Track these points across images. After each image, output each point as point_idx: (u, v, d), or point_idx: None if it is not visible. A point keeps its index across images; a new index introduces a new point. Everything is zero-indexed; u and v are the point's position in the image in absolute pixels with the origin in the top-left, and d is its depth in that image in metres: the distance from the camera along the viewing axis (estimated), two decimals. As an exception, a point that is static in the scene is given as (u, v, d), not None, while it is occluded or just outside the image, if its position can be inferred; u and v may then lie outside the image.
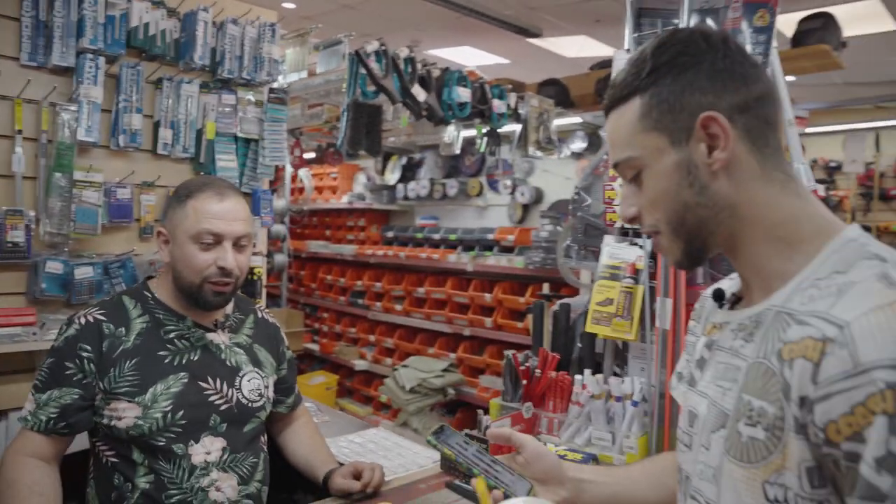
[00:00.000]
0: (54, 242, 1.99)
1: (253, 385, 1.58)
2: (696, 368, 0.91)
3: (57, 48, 1.94)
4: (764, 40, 1.44)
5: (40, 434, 1.42)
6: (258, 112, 2.38)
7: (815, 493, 0.68)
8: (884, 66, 5.39)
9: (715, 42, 0.80)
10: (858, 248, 0.74)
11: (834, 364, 0.65)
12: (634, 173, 0.84)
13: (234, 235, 1.49)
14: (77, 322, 1.47)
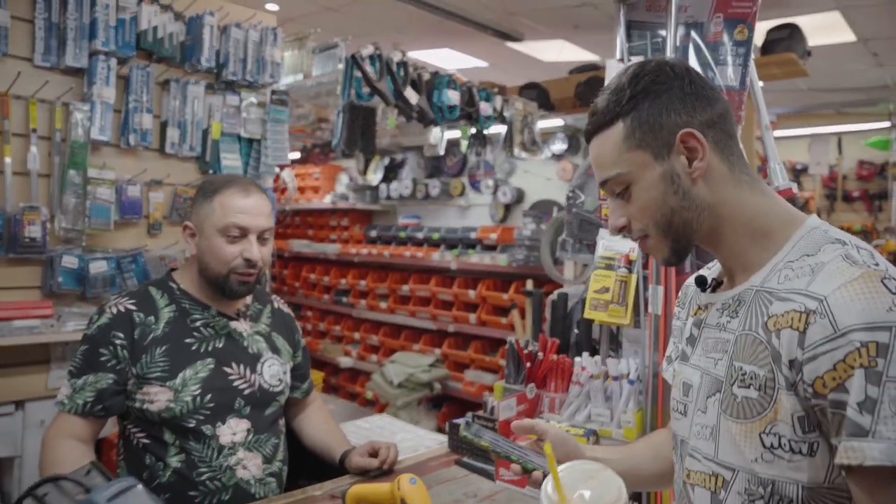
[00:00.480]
0: (69, 238, 2.06)
1: (273, 371, 1.68)
2: (686, 346, 1.04)
3: (70, 49, 2.01)
4: (743, 52, 1.59)
5: (77, 417, 1.49)
6: (261, 113, 2.47)
7: (806, 437, 0.81)
8: (845, 74, 5.65)
9: (679, 71, 0.93)
10: (822, 234, 0.88)
11: (817, 331, 0.78)
12: (622, 188, 0.95)
13: (259, 229, 1.57)
14: (109, 311, 1.55)
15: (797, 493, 0.82)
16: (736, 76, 1.61)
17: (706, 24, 1.66)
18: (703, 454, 0.94)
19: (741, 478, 0.87)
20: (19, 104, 1.98)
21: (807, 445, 0.81)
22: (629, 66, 0.96)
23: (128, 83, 2.16)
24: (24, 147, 1.99)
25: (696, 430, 0.96)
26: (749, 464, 0.86)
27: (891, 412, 0.73)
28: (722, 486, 0.90)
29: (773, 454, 0.83)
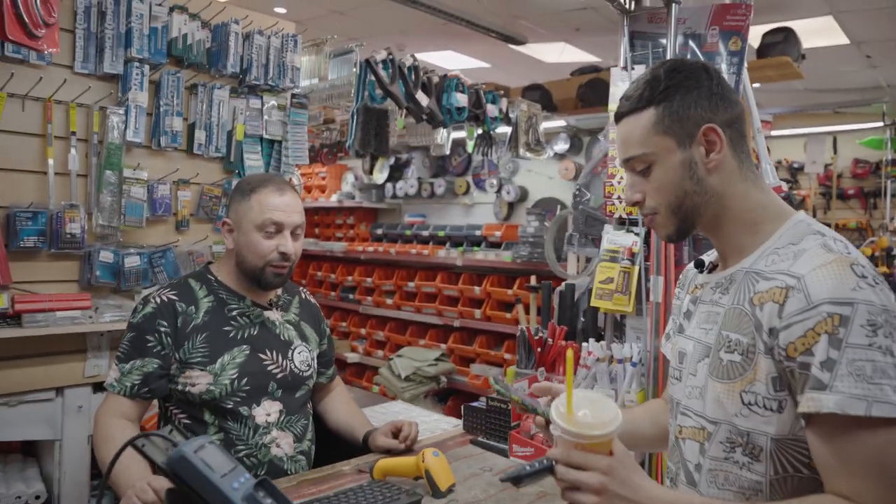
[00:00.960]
0: (105, 234, 2.19)
1: (302, 357, 1.81)
2: (683, 319, 1.19)
3: (107, 57, 2.14)
4: (737, 62, 1.72)
5: (126, 398, 1.62)
6: (282, 115, 2.60)
7: (777, 395, 0.96)
8: (840, 76, 5.79)
9: (711, 72, 1.07)
10: (805, 226, 1.04)
11: (794, 304, 0.93)
12: (645, 167, 1.08)
13: (293, 225, 1.71)
14: (153, 301, 1.68)
15: (766, 444, 0.98)
16: (730, 83, 1.74)
17: (703, 34, 1.80)
18: (693, 411, 1.09)
19: (723, 430, 1.03)
20: (60, 109, 2.11)
21: (777, 403, 0.96)
22: (666, 60, 1.10)
23: (159, 88, 2.29)
24: (64, 149, 2.12)
25: (688, 392, 1.11)
26: (730, 418, 1.01)
27: (847, 372, 0.88)
28: (707, 437, 1.05)
29: (750, 410, 0.99)
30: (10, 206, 2.02)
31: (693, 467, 1.09)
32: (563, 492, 0.96)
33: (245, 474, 0.91)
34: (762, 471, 0.99)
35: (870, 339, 0.88)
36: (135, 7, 2.15)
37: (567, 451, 0.94)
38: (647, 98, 1.06)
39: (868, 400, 0.86)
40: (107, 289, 2.22)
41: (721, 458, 1.03)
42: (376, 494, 1.45)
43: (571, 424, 0.94)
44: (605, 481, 0.92)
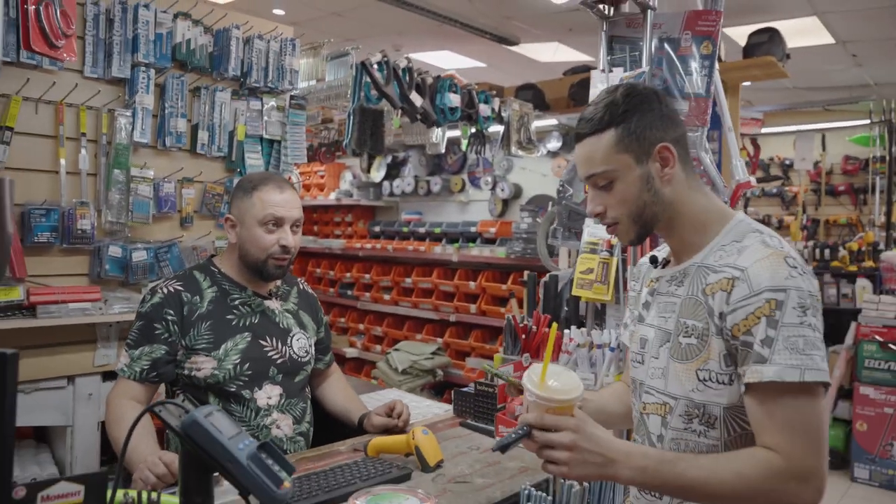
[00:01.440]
0: (114, 230, 2.31)
1: (301, 344, 1.92)
2: (643, 310, 1.33)
3: (115, 62, 2.26)
4: (708, 65, 1.84)
5: (136, 382, 1.73)
6: (281, 116, 2.71)
7: (727, 370, 1.11)
8: (827, 74, 5.91)
9: (661, 96, 1.22)
10: (746, 225, 1.18)
11: (739, 291, 1.08)
12: (607, 182, 1.20)
13: (293, 220, 1.82)
14: (160, 292, 1.79)
15: (719, 412, 1.14)
16: (702, 85, 1.86)
17: (678, 39, 1.91)
18: (656, 390, 1.23)
19: (682, 404, 1.17)
20: (71, 111, 2.22)
21: (727, 377, 1.12)
22: (620, 85, 1.24)
23: (164, 91, 2.40)
24: (75, 150, 2.23)
25: (651, 373, 1.25)
26: (688, 393, 1.16)
27: (783, 346, 1.03)
28: (668, 411, 1.20)
29: (705, 385, 1.14)
30: (25, 204, 2.13)
31: (656, 438, 1.23)
32: (540, 451, 1.09)
33: (249, 438, 1.02)
34: (717, 436, 1.14)
35: (801, 318, 1.04)
36: (141, 14, 2.26)
37: (540, 415, 1.08)
38: (608, 120, 1.18)
39: (801, 368, 1.02)
40: (115, 282, 2.34)
41: (681, 428, 1.18)
42: (370, 469, 1.57)
43: (544, 391, 1.08)
44: (574, 438, 1.06)
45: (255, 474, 0.97)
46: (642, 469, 1.07)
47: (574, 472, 1.08)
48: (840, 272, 5.41)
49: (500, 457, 1.74)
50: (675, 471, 1.06)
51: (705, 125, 1.86)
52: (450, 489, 1.52)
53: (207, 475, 1.01)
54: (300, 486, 1.46)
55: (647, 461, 1.08)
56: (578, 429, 1.07)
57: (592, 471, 1.08)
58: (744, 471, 1.04)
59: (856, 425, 4.52)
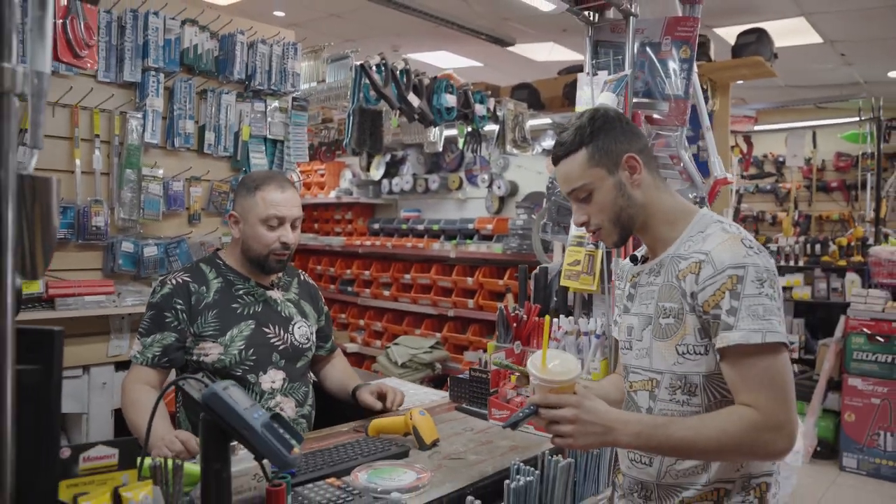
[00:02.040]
0: (126, 227, 2.42)
1: (302, 331, 2.04)
2: (627, 302, 1.47)
3: (127, 67, 2.37)
4: (687, 67, 1.95)
5: (148, 367, 1.85)
6: (283, 117, 2.83)
7: (702, 342, 1.27)
8: (816, 73, 6.02)
9: (620, 116, 1.40)
10: (709, 218, 1.35)
11: (706, 272, 1.25)
12: (586, 194, 1.36)
13: (293, 218, 1.93)
14: (170, 283, 1.90)
15: (699, 381, 1.29)
16: (681, 87, 1.98)
17: (658, 43, 2.03)
18: (642, 368, 1.38)
19: (667, 377, 1.32)
20: (85, 114, 2.34)
21: (703, 348, 1.27)
22: (585, 111, 1.41)
23: (172, 94, 2.52)
24: (89, 150, 2.35)
25: (636, 354, 1.40)
26: (670, 367, 1.31)
27: (746, 314, 1.19)
28: (655, 385, 1.35)
29: (685, 358, 1.29)
30: (43, 202, 2.25)
31: (645, 411, 1.37)
32: (547, 427, 1.24)
33: (262, 409, 1.14)
34: (699, 402, 1.29)
35: (759, 290, 1.20)
36: (151, 21, 2.38)
37: (544, 395, 1.23)
38: (579, 142, 1.36)
39: (763, 331, 1.18)
40: (127, 276, 2.46)
41: (667, 399, 1.33)
42: (370, 447, 1.69)
43: (546, 373, 1.23)
44: (576, 412, 1.21)
45: (269, 440, 1.09)
46: (637, 434, 1.22)
47: (579, 442, 1.21)
48: (830, 267, 5.53)
49: (493, 436, 1.86)
50: (666, 433, 1.20)
51: (684, 125, 1.98)
52: (445, 465, 1.64)
53: (225, 443, 1.12)
54: (306, 462, 1.58)
55: (640, 427, 1.22)
56: (579, 404, 1.20)
57: (594, 440, 1.22)
58: (727, 427, 1.18)
59: (844, 416, 4.64)
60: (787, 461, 3.88)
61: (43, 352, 0.97)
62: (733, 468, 1.29)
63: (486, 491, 1.52)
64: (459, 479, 1.54)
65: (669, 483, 1.34)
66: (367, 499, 1.36)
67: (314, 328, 2.12)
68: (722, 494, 1.29)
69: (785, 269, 5.74)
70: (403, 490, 1.42)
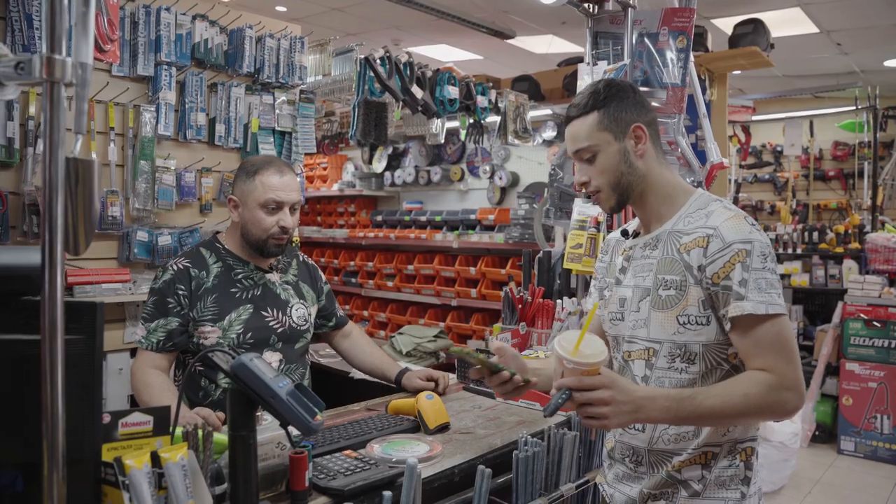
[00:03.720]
0: (140, 217, 2.49)
1: (299, 313, 2.07)
2: (619, 274, 1.51)
3: (140, 61, 2.44)
4: (683, 57, 2.02)
5: (154, 352, 1.90)
6: (291, 109, 2.90)
7: (704, 313, 1.33)
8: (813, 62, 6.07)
9: (635, 88, 1.45)
10: (707, 197, 1.41)
11: (714, 245, 1.31)
12: (590, 156, 1.42)
13: (291, 202, 1.96)
14: (171, 269, 1.94)
15: (699, 349, 1.35)
16: (678, 75, 2.04)
17: (656, 33, 2.09)
18: (639, 338, 1.43)
19: (665, 346, 1.38)
20: (100, 108, 2.41)
21: (705, 318, 1.33)
22: (602, 79, 1.46)
23: (184, 87, 2.59)
24: (104, 143, 2.42)
25: (632, 325, 1.45)
26: (670, 336, 1.37)
27: (754, 287, 1.27)
28: (653, 354, 1.40)
29: (685, 328, 1.35)
30: (61, 193, 2.32)
31: (641, 379, 1.42)
32: (580, 409, 1.25)
33: (286, 379, 1.22)
34: (696, 370, 1.36)
35: (763, 264, 1.28)
36: (163, 17, 2.44)
37: (578, 378, 1.25)
38: (592, 104, 1.41)
39: (766, 304, 1.26)
40: (142, 264, 2.53)
41: (665, 367, 1.38)
42: (384, 422, 1.77)
43: (579, 356, 1.25)
44: (611, 393, 1.22)
45: (294, 407, 1.16)
46: (666, 409, 1.26)
47: (613, 423, 1.25)
48: (828, 254, 5.60)
49: (500, 413, 1.94)
50: (693, 404, 1.26)
51: (681, 112, 2.04)
52: (455, 438, 1.71)
53: (252, 410, 1.20)
54: (323, 436, 1.65)
55: (668, 402, 1.27)
56: (612, 384, 1.23)
57: (627, 418, 1.25)
58: (748, 391, 1.25)
59: (842, 400, 4.72)
60: (785, 443, 3.97)
61: (86, 322, 1.05)
62: (720, 433, 1.36)
63: (495, 462, 1.60)
64: (470, 450, 1.62)
65: (661, 448, 1.40)
66: (384, 466, 1.43)
67: (313, 309, 2.15)
68: (710, 457, 1.37)
69: (783, 257, 5.82)
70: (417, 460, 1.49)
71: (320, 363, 2.78)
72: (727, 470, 1.37)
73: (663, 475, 1.40)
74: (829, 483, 4.22)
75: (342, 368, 2.57)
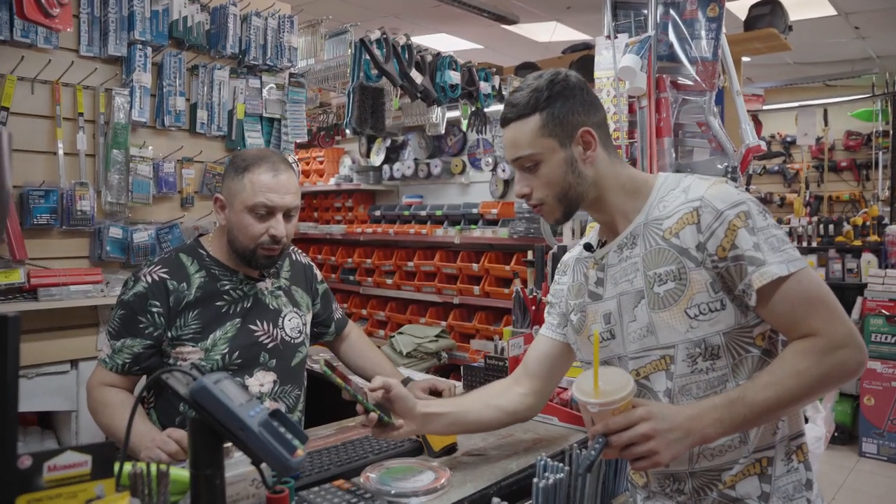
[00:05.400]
0: (114, 211, 2.27)
1: (293, 324, 1.81)
2: (595, 288, 1.31)
3: (111, 40, 2.22)
4: (715, 27, 1.80)
5: (116, 374, 1.64)
6: (280, 94, 2.67)
7: (717, 296, 1.15)
8: (829, 48, 5.85)
9: (582, 83, 1.25)
10: (673, 178, 1.26)
11: (707, 217, 1.15)
12: (532, 164, 1.23)
13: (285, 207, 1.65)
14: (144, 280, 1.65)
15: (720, 340, 1.17)
16: (709, 48, 1.83)
17: (682, 3, 1.87)
18: (647, 349, 1.22)
19: (681, 348, 1.18)
20: (68, 91, 2.18)
21: (719, 302, 1.15)
22: (545, 72, 1.25)
23: (161, 69, 2.36)
24: (73, 130, 2.19)
25: (633, 338, 1.24)
26: (683, 335, 1.17)
27: (767, 247, 1.12)
28: (670, 361, 1.20)
29: (698, 321, 1.16)
30: (24, 186, 2.10)
31: (663, 394, 1.21)
32: (623, 453, 1.06)
33: (260, 405, 1.00)
34: (723, 365, 1.18)
35: (765, 220, 1.14)
36: (136, -10, 2.22)
37: (606, 422, 1.06)
38: (533, 105, 1.21)
39: (787, 262, 1.11)
40: (116, 264, 2.31)
41: (688, 372, 1.19)
42: (381, 443, 1.55)
43: (603, 396, 1.06)
44: (651, 425, 1.05)
45: (268, 442, 0.94)
46: (719, 421, 1.08)
47: (665, 457, 1.05)
48: (845, 247, 5.38)
49: (513, 429, 1.71)
50: (745, 404, 1.08)
51: (713, 89, 1.83)
52: (464, 462, 1.50)
53: (218, 445, 0.98)
54: (311, 461, 1.44)
55: (718, 412, 1.09)
56: (650, 415, 1.05)
57: (679, 447, 1.07)
58: (800, 367, 1.08)
59: (863, 400, 4.51)
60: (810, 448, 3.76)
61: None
62: (770, 431, 1.18)
63: (511, 490, 1.39)
64: (482, 477, 1.40)
65: (705, 467, 1.20)
66: (381, 502, 1.22)
67: (308, 317, 1.90)
68: (766, 464, 1.18)
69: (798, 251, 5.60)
70: (420, 492, 1.27)
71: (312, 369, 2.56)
72: (789, 476, 1.19)
73: (714, 498, 1.20)
74: (853, 488, 4.01)
75: (337, 376, 2.35)
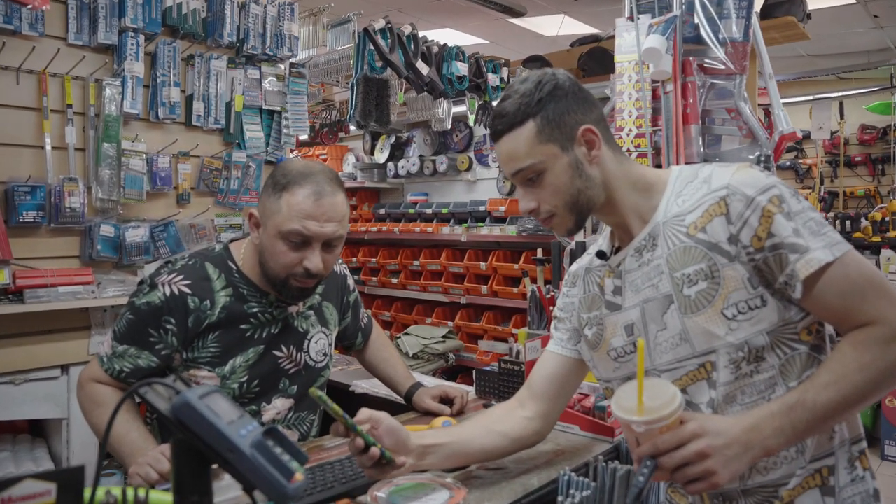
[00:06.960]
0: (105, 208, 2.16)
1: (319, 346, 1.66)
2: (613, 297, 1.20)
3: (101, 27, 2.10)
4: (746, 6, 1.67)
5: (113, 378, 1.49)
6: (280, 85, 2.55)
7: (756, 291, 1.03)
8: (846, 38, 5.70)
9: (572, 79, 1.14)
10: (689, 169, 1.15)
11: (737, 205, 1.03)
12: (535, 175, 1.12)
13: (325, 237, 1.44)
14: (162, 290, 1.48)
15: (765, 341, 1.05)
16: (739, 29, 1.70)
17: (711, -20, 1.74)
18: (680, 359, 1.10)
19: (722, 353, 1.06)
20: (55, 82, 2.07)
21: (759, 299, 1.03)
22: (527, 76, 1.14)
23: (155, 59, 2.25)
24: (61, 123, 2.08)
25: (664, 348, 1.11)
26: (723, 339, 1.06)
27: (807, 232, 1.00)
28: (711, 369, 1.07)
29: (737, 322, 1.04)
30: (9, 181, 1.98)
31: (706, 405, 1.09)
32: (675, 475, 0.94)
33: (253, 423, 0.87)
34: (769, 366, 1.05)
35: (800, 203, 1.02)
36: (127, -25, 2.10)
37: (654, 442, 0.94)
38: (524, 112, 1.11)
39: (830, 246, 1.00)
40: (108, 263, 2.20)
41: (731, 380, 1.06)
42: (389, 456, 1.42)
43: (648, 413, 0.93)
44: (706, 442, 0.93)
45: (261, 465, 0.82)
46: (780, 430, 0.97)
47: (724, 477, 0.94)
48: (863, 243, 5.24)
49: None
50: (806, 408, 0.97)
51: (744, 72, 1.70)
52: (480, 476, 1.37)
53: (205, 468, 0.86)
54: (313, 477, 1.32)
55: (778, 420, 0.97)
56: (703, 430, 0.94)
57: (739, 464, 0.95)
58: (863, 360, 0.98)
59: (885, 401, 4.37)
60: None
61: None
62: (827, 437, 1.07)
63: (532, 509, 1.26)
64: (500, 495, 1.27)
65: (759, 483, 1.08)
66: (390, 528, 1.09)
67: (334, 335, 1.74)
68: (826, 475, 1.06)
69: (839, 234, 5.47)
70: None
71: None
72: (854, 487, 1.07)
73: None
74: (876, 493, 3.87)
75: (341, 380, 2.23)
